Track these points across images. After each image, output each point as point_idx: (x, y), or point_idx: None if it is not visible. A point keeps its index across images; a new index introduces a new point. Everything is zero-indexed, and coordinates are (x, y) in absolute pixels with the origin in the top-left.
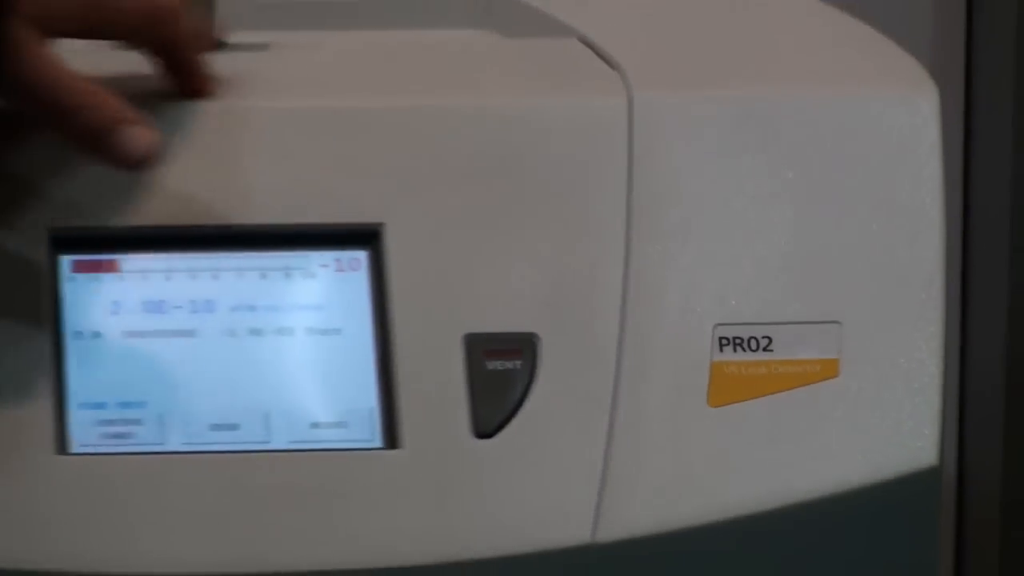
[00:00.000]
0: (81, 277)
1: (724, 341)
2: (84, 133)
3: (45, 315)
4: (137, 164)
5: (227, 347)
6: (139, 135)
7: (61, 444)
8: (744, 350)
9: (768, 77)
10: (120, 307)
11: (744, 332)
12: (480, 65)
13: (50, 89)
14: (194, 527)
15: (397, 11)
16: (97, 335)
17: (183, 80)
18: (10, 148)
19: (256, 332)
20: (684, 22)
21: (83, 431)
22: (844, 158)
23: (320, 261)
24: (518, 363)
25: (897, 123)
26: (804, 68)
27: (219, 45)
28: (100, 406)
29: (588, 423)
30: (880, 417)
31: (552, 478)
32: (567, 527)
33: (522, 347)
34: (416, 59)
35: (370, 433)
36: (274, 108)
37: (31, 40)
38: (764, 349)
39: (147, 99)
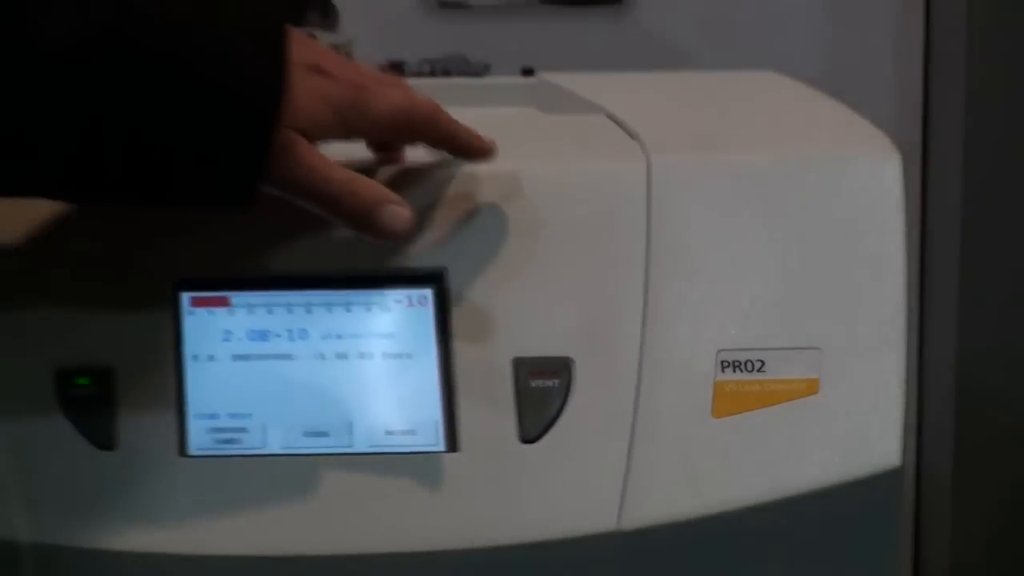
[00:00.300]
0: (199, 311)
1: (725, 364)
2: (350, 216)
3: (170, 342)
4: (397, 236)
5: (318, 368)
6: (396, 213)
7: (182, 447)
8: (741, 371)
9: (760, 145)
10: (230, 335)
11: (741, 356)
12: (524, 137)
13: (318, 184)
14: (289, 516)
15: (463, 92)
16: (211, 358)
17: (461, 150)
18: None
19: (342, 356)
20: (690, 101)
21: (199, 437)
22: (823, 213)
23: (394, 298)
24: (556, 382)
25: (867, 184)
26: (791, 138)
27: None
28: (213, 416)
29: (613, 431)
30: (853, 426)
31: (584, 476)
32: (596, 516)
33: (559, 369)
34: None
35: (435, 439)
36: None
37: (298, 144)
38: (758, 370)
39: None
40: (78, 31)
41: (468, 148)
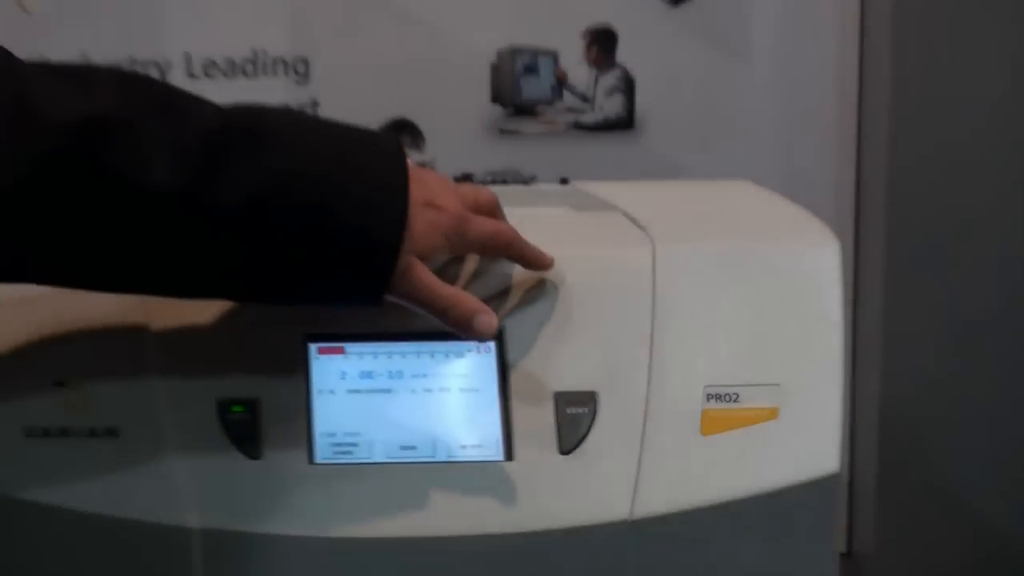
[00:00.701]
0: (323, 357)
1: (710, 396)
2: (454, 323)
3: (302, 380)
4: (485, 337)
5: (410, 399)
6: (485, 322)
7: (310, 457)
8: (722, 401)
9: (737, 236)
10: (345, 375)
11: (722, 390)
12: (561, 229)
13: (429, 298)
14: (390, 507)
15: (516, 196)
16: (331, 392)
17: (530, 264)
18: None
19: (428, 390)
20: (686, 203)
21: (323, 450)
22: (782, 285)
23: (467, 347)
24: (586, 409)
25: (814, 264)
26: (759, 230)
27: None
28: (333, 435)
29: (627, 446)
30: (804, 442)
31: (606, 479)
32: (614, 508)
33: (588, 400)
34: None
35: (496, 451)
36: None
37: (415, 267)
38: (734, 401)
39: None
40: (252, 189)
41: (534, 262)
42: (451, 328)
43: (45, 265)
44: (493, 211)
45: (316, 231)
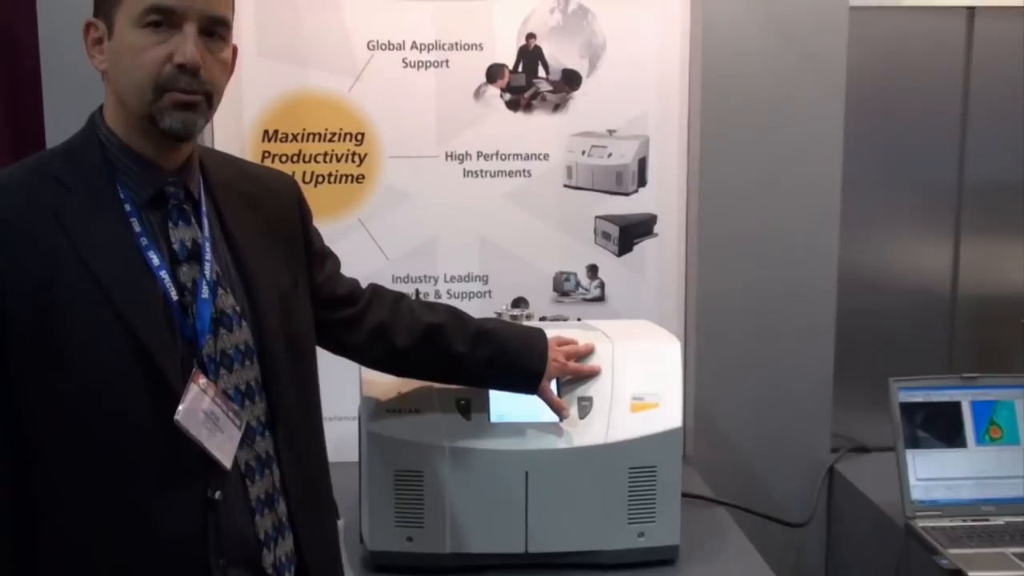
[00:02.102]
0: None
1: (635, 397)
2: (557, 412)
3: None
4: (565, 418)
5: None
6: (567, 413)
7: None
8: (638, 400)
9: (641, 340)
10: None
11: (639, 395)
12: (601, 335)
13: (548, 397)
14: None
15: (564, 325)
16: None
17: (587, 377)
18: None
19: None
20: (622, 327)
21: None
22: (658, 361)
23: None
24: (590, 399)
25: (666, 351)
26: (647, 338)
27: None
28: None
29: (604, 416)
30: (666, 415)
31: (597, 427)
32: (600, 437)
33: (589, 397)
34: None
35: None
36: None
37: (546, 386)
38: (642, 400)
39: None
40: (491, 353)
41: (588, 375)
42: (553, 411)
43: None
44: (582, 354)
45: (516, 368)
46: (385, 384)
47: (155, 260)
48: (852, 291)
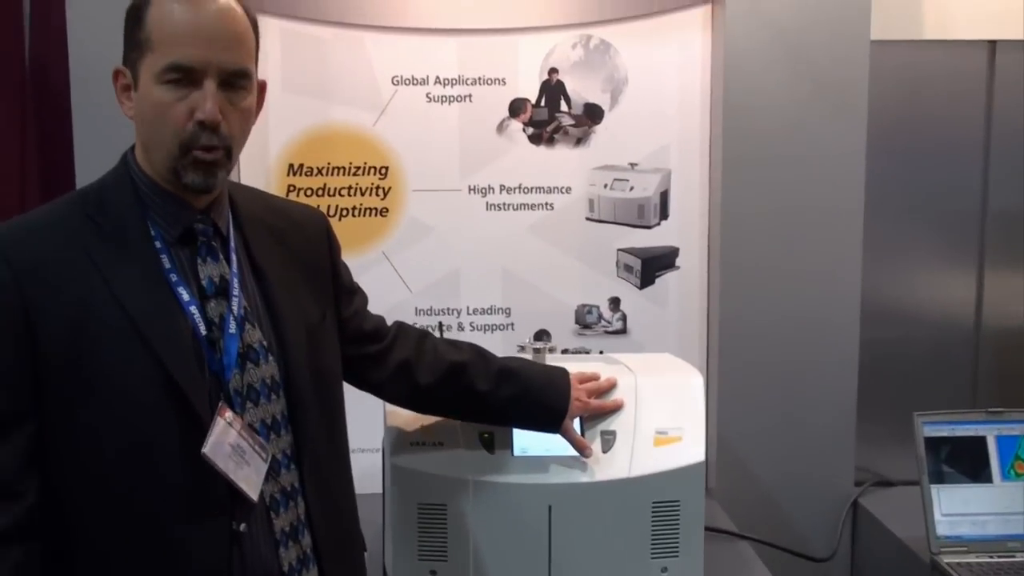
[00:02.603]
0: None
1: (658, 431)
2: (577, 449)
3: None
4: (588, 456)
5: None
6: (590, 451)
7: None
8: (661, 433)
9: (664, 375)
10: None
11: (662, 429)
12: (624, 368)
13: (570, 436)
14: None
15: (585, 357)
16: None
17: (608, 412)
18: None
19: None
20: (643, 362)
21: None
22: (680, 391)
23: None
24: (614, 433)
25: (688, 384)
26: (670, 371)
27: None
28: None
29: (627, 448)
30: (689, 448)
31: (622, 460)
32: (624, 471)
33: (612, 431)
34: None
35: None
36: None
37: (568, 425)
38: (665, 433)
39: None
40: (516, 391)
41: (611, 411)
42: (575, 449)
43: None
44: (605, 390)
45: (539, 406)
46: (409, 417)
47: (185, 296)
48: (875, 322)
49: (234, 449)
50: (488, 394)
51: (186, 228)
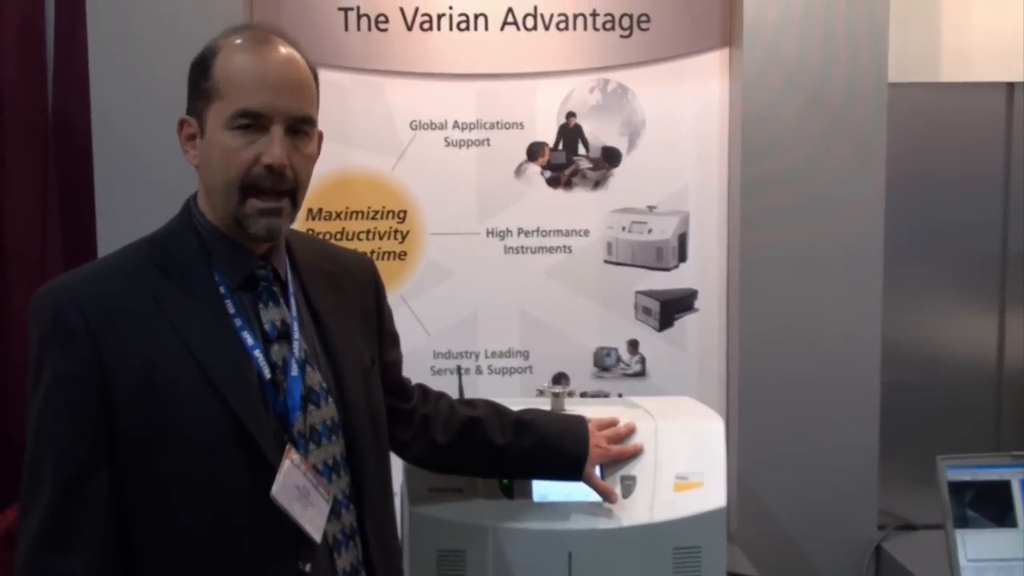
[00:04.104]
0: None
1: (678, 476)
2: (603, 495)
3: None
4: (612, 502)
5: None
6: (614, 496)
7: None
8: (681, 479)
9: (684, 418)
10: None
11: (682, 475)
12: (644, 412)
13: (593, 482)
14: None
15: (604, 401)
16: None
17: (628, 457)
18: None
19: None
20: (662, 405)
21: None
22: (700, 438)
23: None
24: (634, 479)
25: (711, 429)
26: (692, 416)
27: None
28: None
29: (648, 494)
30: (710, 494)
31: (643, 506)
32: (645, 517)
33: (632, 476)
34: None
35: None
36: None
37: (591, 472)
38: (685, 479)
39: None
40: (535, 442)
41: (631, 455)
42: (600, 495)
43: None
44: (623, 436)
45: (558, 455)
46: None
47: (249, 340)
48: (896, 365)
49: (300, 491)
50: (506, 447)
51: (248, 274)
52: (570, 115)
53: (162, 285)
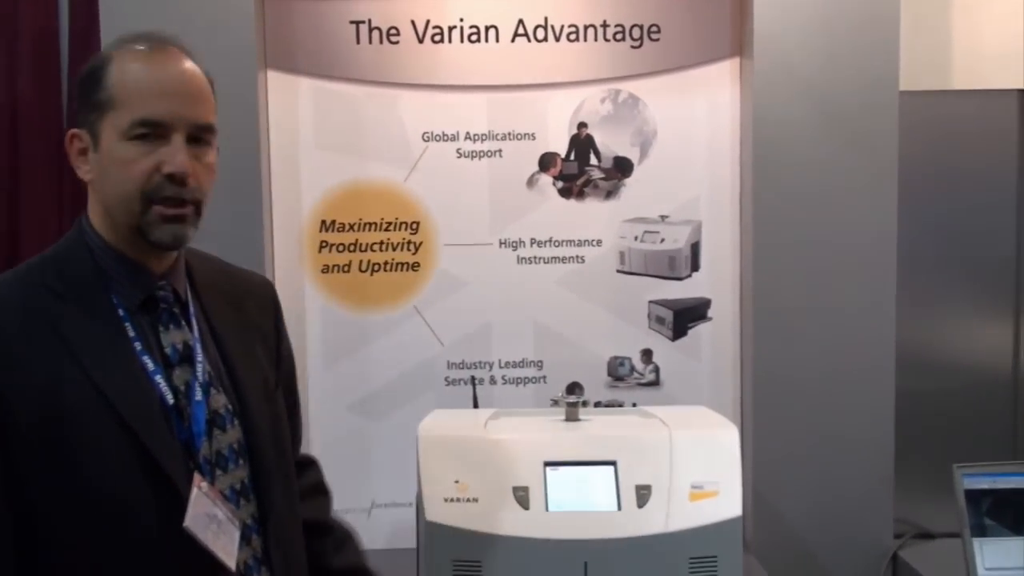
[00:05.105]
0: None
1: (693, 485)
2: None
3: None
4: None
5: None
6: None
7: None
8: (697, 488)
9: (700, 427)
10: None
11: (697, 484)
12: (659, 422)
13: None
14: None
15: (621, 412)
16: None
17: None
18: None
19: None
20: (677, 414)
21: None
22: (717, 444)
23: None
24: (649, 488)
25: (725, 439)
26: (707, 425)
27: None
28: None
29: (662, 503)
30: (726, 503)
31: (657, 516)
32: (659, 526)
33: (647, 485)
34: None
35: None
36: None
37: None
38: (701, 488)
39: None
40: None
41: None
42: None
43: None
44: None
45: None
46: (443, 473)
47: (150, 365)
48: (911, 373)
49: (210, 519)
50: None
51: (147, 295)
52: (581, 125)
53: (57, 311)
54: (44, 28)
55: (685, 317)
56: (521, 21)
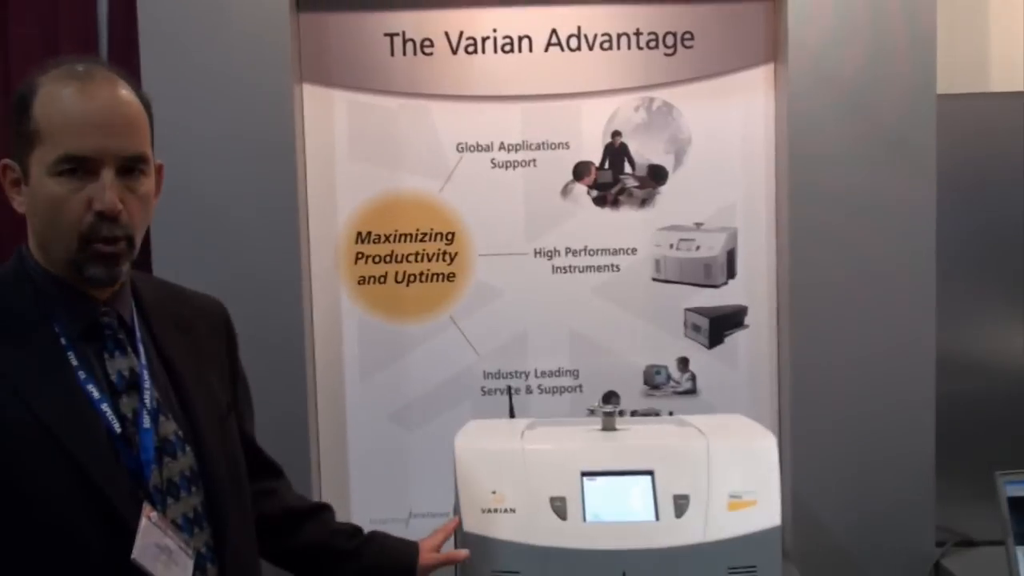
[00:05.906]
0: None
1: (732, 495)
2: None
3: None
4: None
5: None
6: (465, 556)
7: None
8: (736, 497)
9: (735, 438)
10: None
11: (736, 493)
12: (696, 431)
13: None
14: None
15: (658, 420)
16: None
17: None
18: None
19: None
20: (714, 423)
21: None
22: (755, 455)
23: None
24: (687, 498)
25: (764, 447)
26: (745, 434)
27: None
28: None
29: (701, 513)
30: (765, 512)
31: (694, 527)
32: (698, 536)
33: (686, 495)
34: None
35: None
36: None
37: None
38: (739, 497)
39: None
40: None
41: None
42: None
43: None
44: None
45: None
46: (480, 483)
47: (95, 393)
48: (952, 377)
49: (161, 549)
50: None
51: (90, 323)
52: (615, 134)
53: None
54: (83, 42)
55: (721, 325)
56: (554, 31)
